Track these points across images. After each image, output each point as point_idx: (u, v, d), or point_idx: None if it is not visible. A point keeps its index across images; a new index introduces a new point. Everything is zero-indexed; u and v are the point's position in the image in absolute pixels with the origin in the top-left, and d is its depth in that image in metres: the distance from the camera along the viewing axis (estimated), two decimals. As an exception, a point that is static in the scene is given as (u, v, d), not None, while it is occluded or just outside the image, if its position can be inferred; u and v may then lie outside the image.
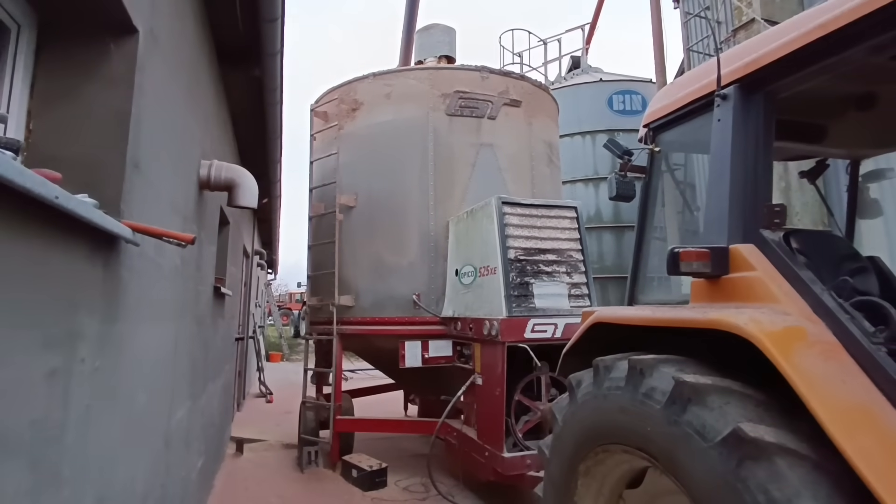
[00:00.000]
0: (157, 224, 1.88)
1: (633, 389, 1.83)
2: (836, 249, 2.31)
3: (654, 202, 2.44)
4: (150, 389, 2.08)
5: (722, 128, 1.95)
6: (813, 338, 1.52)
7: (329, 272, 5.33)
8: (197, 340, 3.23)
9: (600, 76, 10.70)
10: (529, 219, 4.50)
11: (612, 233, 9.67)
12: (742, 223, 1.88)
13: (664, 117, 2.33)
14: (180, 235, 1.65)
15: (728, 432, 1.45)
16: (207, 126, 3.21)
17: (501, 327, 4.01)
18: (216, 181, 2.98)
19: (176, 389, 2.58)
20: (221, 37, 3.30)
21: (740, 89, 1.92)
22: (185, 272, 2.70)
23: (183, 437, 2.86)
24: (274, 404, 8.71)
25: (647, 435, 1.75)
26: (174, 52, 2.18)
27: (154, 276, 2.05)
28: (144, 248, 1.84)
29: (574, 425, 2.19)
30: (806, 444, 1.39)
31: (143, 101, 1.76)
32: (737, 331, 1.55)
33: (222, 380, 4.88)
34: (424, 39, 6.66)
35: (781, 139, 2.29)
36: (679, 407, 1.63)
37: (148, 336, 2.01)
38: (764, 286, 1.73)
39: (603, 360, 2.07)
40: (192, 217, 2.78)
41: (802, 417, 1.45)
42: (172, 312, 2.46)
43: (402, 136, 5.43)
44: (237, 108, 4.51)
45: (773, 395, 1.57)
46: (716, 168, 1.96)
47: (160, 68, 1.95)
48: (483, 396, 4.26)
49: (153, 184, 1.94)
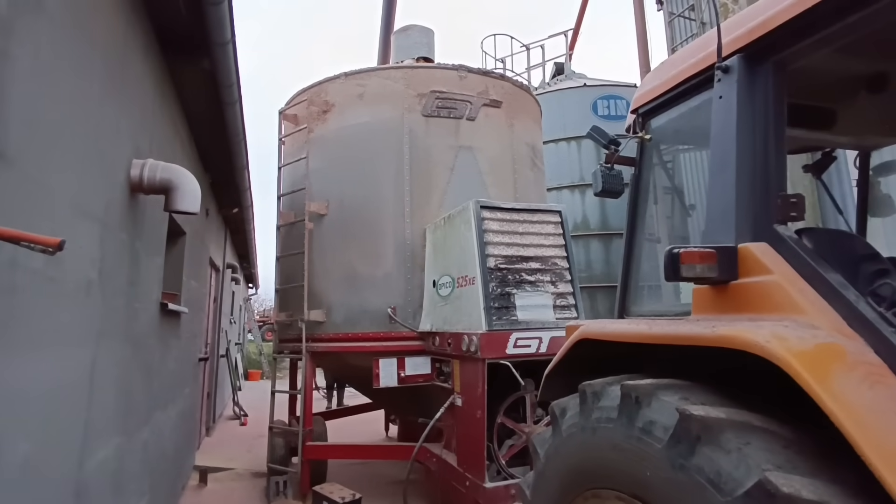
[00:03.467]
0: (47, 232, 1.52)
1: (628, 422, 1.50)
2: (853, 250, 2.01)
3: (646, 198, 2.12)
4: (40, 434, 1.69)
5: (724, 106, 1.65)
6: (853, 358, 1.20)
7: (298, 285, 4.95)
8: (133, 365, 2.83)
9: (584, 81, 10.53)
10: (511, 224, 4.18)
11: (599, 240, 9.40)
12: (752, 218, 1.57)
13: (654, 100, 2.03)
14: (42, 239, 1.29)
15: (752, 484, 1.12)
16: (145, 123, 2.85)
17: (481, 342, 3.66)
18: (150, 183, 2.62)
19: (93, 426, 2.19)
20: (162, 22, 2.96)
21: (745, 59, 1.62)
22: (109, 287, 2.32)
23: (109, 481, 2.46)
24: (248, 427, 8.21)
25: (646, 481, 1.41)
26: (78, 26, 1.84)
27: (44, 293, 1.68)
28: (20, 259, 1.48)
29: (558, 463, 1.85)
30: (853, 499, 1.07)
31: (14, 74, 1.41)
32: (756, 350, 1.23)
33: (179, 406, 4.45)
34: (402, 40, 6.39)
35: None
36: (686, 447, 1.29)
37: (32, 367, 1.63)
38: (783, 293, 1.41)
39: (591, 385, 1.73)
40: (117, 224, 2.41)
41: (843, 461, 1.13)
42: (85, 335, 2.08)
43: (376, 139, 5.10)
44: (192, 107, 4.14)
45: (801, 430, 1.25)
46: (718, 153, 1.66)
47: (49, 39, 1.60)
48: (463, 419, 3.90)
49: (36, 180, 1.58)
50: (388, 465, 5.78)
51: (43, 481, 1.73)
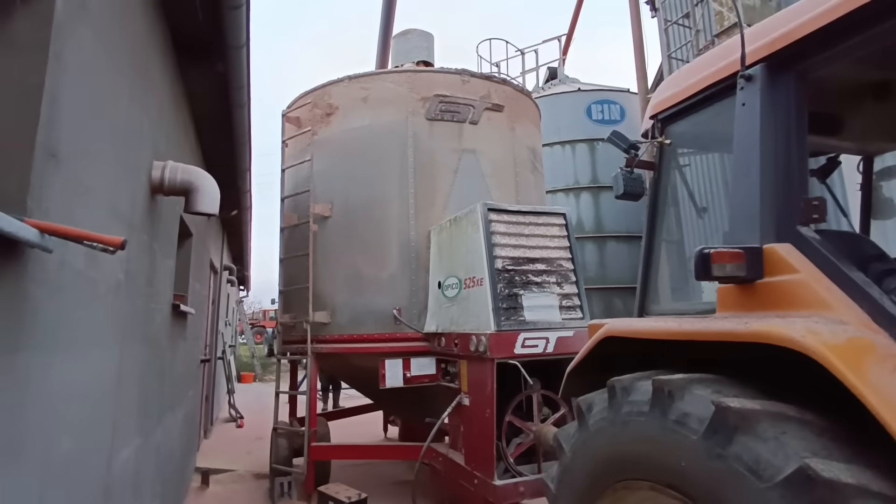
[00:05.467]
0: (90, 231, 1.54)
1: (661, 415, 1.56)
2: (863, 250, 2.11)
3: (665, 201, 2.20)
4: (79, 431, 1.70)
5: (748, 113, 1.73)
6: (883, 351, 1.28)
7: (303, 287, 4.95)
8: (150, 366, 2.83)
9: (578, 86, 10.68)
10: (517, 226, 4.25)
11: (594, 243, 9.52)
12: (776, 220, 1.64)
13: (675, 106, 2.10)
14: (105, 238, 1.31)
15: (793, 470, 1.18)
16: (162, 124, 2.86)
17: (490, 342, 3.71)
18: (171, 184, 2.63)
19: (119, 426, 2.19)
20: (178, 25, 2.97)
21: (768, 68, 1.70)
22: (133, 288, 2.33)
23: (130, 483, 2.46)
24: (245, 429, 8.16)
25: (682, 471, 1.47)
26: (112, 28, 1.86)
27: (84, 292, 1.69)
28: (67, 258, 1.49)
29: (586, 456, 1.90)
30: (891, 482, 1.14)
31: (64, 77, 1.43)
32: (791, 344, 1.30)
33: (184, 408, 4.43)
34: (401, 44, 6.44)
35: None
36: (723, 437, 1.36)
37: (74, 366, 1.64)
38: (811, 290, 1.48)
39: (619, 381, 1.79)
40: (140, 225, 2.42)
41: (877, 449, 1.20)
42: (114, 336, 2.09)
43: (380, 142, 5.14)
44: (201, 110, 4.14)
45: (833, 420, 1.32)
46: (742, 159, 1.73)
47: (90, 42, 1.62)
48: (471, 418, 3.94)
49: (81, 180, 1.60)
50: (388, 465, 5.80)
51: (80, 479, 1.74)
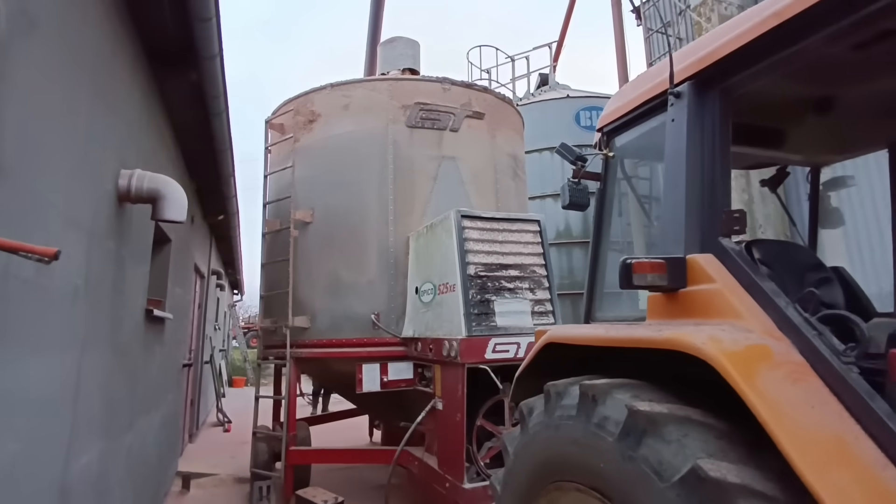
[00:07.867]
0: (40, 242, 1.60)
1: (585, 419, 1.62)
2: (799, 260, 2.18)
3: (610, 211, 2.27)
4: (28, 435, 1.76)
5: (676, 128, 1.80)
6: (778, 358, 1.34)
7: (283, 292, 5.02)
8: (117, 371, 2.89)
9: (567, 92, 10.77)
10: (491, 233, 4.32)
11: (581, 248, 9.57)
12: (699, 231, 1.71)
13: (617, 120, 2.18)
14: (38, 249, 1.38)
15: (686, 470, 1.25)
16: (132, 133, 2.93)
17: (461, 348, 3.77)
18: (138, 192, 2.70)
19: (77, 431, 2.25)
20: (150, 36, 3.05)
21: (694, 86, 1.77)
22: (94, 295, 2.39)
23: (92, 485, 2.51)
24: (232, 433, 8.20)
25: (601, 472, 1.53)
26: (67, 42, 1.93)
27: (33, 300, 1.75)
28: (11, 268, 1.56)
29: (526, 458, 1.96)
30: (774, 483, 1.20)
31: (12, 93, 1.50)
32: (693, 351, 1.36)
33: (161, 412, 4.48)
34: (388, 52, 6.52)
35: (739, 144, 2.16)
36: (633, 440, 1.42)
37: (23, 372, 1.70)
38: (724, 299, 1.55)
39: (554, 386, 1.85)
40: (104, 232, 2.49)
41: (770, 450, 1.26)
42: (71, 341, 2.15)
43: (361, 149, 5.21)
44: (180, 117, 4.22)
45: (739, 423, 1.38)
46: (671, 172, 1.80)
47: (40, 57, 1.69)
48: (443, 422, 4.00)
49: (33, 192, 1.67)
50: (370, 469, 5.84)
51: (30, 482, 1.80)
